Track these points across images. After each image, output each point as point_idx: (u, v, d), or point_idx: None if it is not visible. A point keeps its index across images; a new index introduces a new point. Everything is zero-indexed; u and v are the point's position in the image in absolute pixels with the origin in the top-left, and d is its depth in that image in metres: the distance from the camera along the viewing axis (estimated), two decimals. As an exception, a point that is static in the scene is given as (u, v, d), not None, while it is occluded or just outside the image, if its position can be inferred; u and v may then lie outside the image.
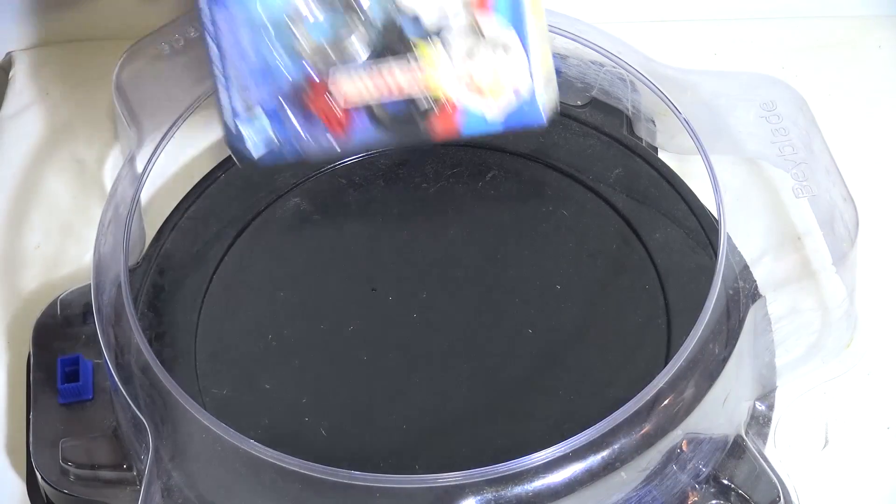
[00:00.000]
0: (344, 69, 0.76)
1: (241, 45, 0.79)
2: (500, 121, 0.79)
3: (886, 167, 1.03)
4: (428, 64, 0.76)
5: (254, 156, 0.82)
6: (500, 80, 0.77)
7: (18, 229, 1.02)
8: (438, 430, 0.84)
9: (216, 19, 0.79)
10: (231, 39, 0.79)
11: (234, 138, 0.82)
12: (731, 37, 1.12)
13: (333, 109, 0.78)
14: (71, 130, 1.08)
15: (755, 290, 0.87)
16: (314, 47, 0.77)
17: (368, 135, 0.79)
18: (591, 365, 0.86)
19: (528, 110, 0.79)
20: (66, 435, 0.85)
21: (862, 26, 1.13)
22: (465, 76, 0.76)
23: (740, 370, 0.84)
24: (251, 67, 0.79)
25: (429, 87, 0.76)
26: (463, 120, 0.78)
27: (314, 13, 0.77)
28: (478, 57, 0.76)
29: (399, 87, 0.77)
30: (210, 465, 0.80)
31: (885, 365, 0.92)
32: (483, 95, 0.77)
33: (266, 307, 0.90)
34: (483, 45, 0.75)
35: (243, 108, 0.81)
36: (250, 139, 0.81)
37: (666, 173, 0.95)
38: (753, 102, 0.92)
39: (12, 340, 0.95)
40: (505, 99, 0.77)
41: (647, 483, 0.79)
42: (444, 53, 0.75)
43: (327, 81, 0.77)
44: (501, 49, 0.76)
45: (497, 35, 0.75)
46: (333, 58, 0.77)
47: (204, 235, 0.94)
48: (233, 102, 0.81)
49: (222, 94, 0.81)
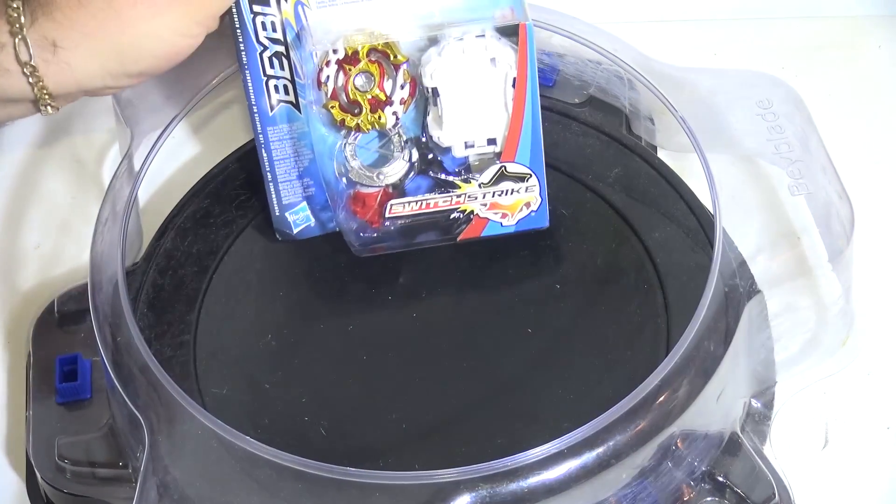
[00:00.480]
0: (391, 189, 0.88)
1: (289, 151, 0.90)
2: (512, 226, 0.90)
3: (884, 166, 1.03)
4: (462, 192, 0.88)
5: (293, 234, 0.93)
6: (519, 202, 0.90)
7: (17, 229, 1.02)
8: (438, 428, 0.84)
9: (266, 132, 0.89)
10: (280, 147, 0.90)
11: (278, 221, 0.93)
12: (731, 37, 1.12)
13: (374, 216, 0.89)
14: (70, 130, 1.08)
15: (752, 287, 0.87)
16: (360, 167, 0.88)
17: (401, 233, 0.90)
18: (589, 363, 0.86)
19: (536, 217, 0.91)
20: (65, 433, 0.85)
21: (862, 26, 1.13)
22: (491, 199, 0.89)
23: (736, 367, 0.84)
24: (298, 167, 0.91)
25: (460, 206, 0.89)
26: (484, 228, 0.90)
27: (357, 135, 0.87)
28: (502, 187, 0.88)
29: (436, 205, 0.89)
30: (206, 463, 0.80)
31: (885, 365, 0.92)
32: (503, 211, 0.90)
33: (266, 307, 0.91)
34: (507, 180, 0.88)
35: (287, 199, 0.92)
36: (292, 223, 0.93)
37: (665, 172, 0.95)
38: (750, 100, 0.92)
39: (11, 339, 0.96)
40: (520, 213, 0.90)
41: (642, 479, 0.79)
42: (475, 185, 0.88)
43: (371, 194, 0.88)
44: (522, 182, 0.88)
45: (519, 171, 0.88)
46: (378, 178, 0.88)
47: (203, 235, 0.94)
48: (278, 196, 0.92)
49: (269, 188, 0.92)
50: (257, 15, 0.86)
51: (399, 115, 0.86)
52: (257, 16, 0.86)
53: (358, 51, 0.84)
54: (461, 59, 0.85)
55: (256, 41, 0.86)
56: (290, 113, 0.88)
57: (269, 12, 0.86)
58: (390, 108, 0.86)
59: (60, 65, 0.81)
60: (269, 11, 0.86)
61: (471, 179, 0.87)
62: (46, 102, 0.83)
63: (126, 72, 0.83)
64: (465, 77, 0.85)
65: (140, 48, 0.82)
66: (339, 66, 0.85)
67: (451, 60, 0.85)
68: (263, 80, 0.87)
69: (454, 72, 0.85)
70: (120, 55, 0.82)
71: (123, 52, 0.82)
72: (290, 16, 0.86)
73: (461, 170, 0.88)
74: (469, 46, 0.84)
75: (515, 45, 0.84)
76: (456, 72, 0.85)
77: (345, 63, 0.85)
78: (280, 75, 0.87)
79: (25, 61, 0.81)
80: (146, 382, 0.82)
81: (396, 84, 0.85)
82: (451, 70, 0.85)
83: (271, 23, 0.86)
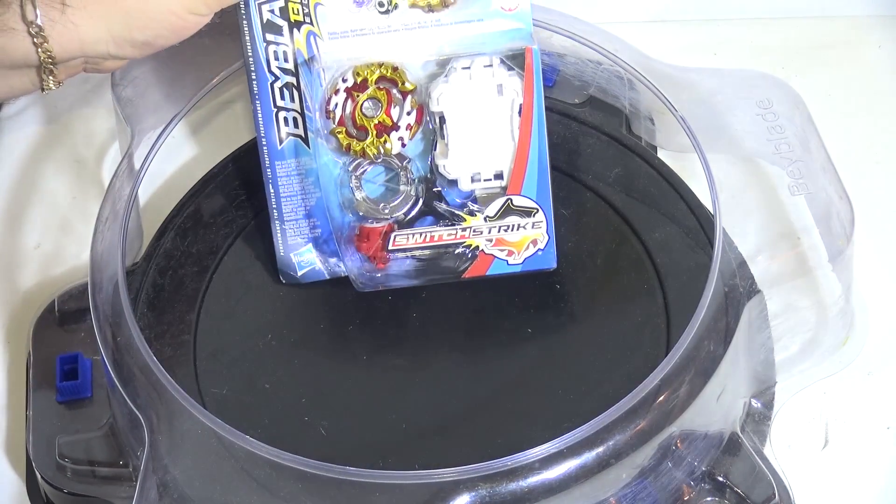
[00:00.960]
0: (395, 226, 0.88)
1: (296, 188, 0.89)
2: (519, 265, 0.89)
3: (884, 165, 1.03)
4: (468, 225, 0.88)
5: (297, 276, 0.91)
6: (525, 239, 0.88)
7: (18, 228, 1.02)
8: (437, 427, 0.84)
9: (274, 166, 0.89)
10: (287, 183, 0.89)
11: (282, 262, 0.91)
12: (731, 37, 1.12)
13: (378, 251, 0.88)
14: (70, 130, 1.08)
15: (751, 287, 0.87)
16: (365, 199, 0.87)
17: (406, 269, 0.89)
18: (589, 363, 0.86)
19: (543, 257, 0.89)
20: (65, 432, 0.86)
21: (862, 26, 1.13)
22: (496, 234, 0.88)
23: (736, 367, 0.84)
24: (305, 206, 0.90)
25: (466, 241, 0.88)
26: (490, 266, 0.89)
27: (365, 168, 0.87)
28: (508, 221, 0.87)
29: (441, 238, 0.88)
30: (206, 462, 0.80)
31: (885, 365, 0.92)
32: (510, 248, 0.88)
33: (266, 307, 0.91)
34: (513, 214, 0.87)
35: (293, 240, 0.90)
36: (297, 264, 0.91)
37: (665, 172, 0.95)
38: (750, 100, 0.92)
39: (11, 338, 0.96)
40: (527, 251, 0.88)
41: (641, 479, 0.79)
42: (481, 219, 0.87)
43: (375, 229, 0.87)
44: (528, 216, 0.87)
45: (525, 205, 0.87)
46: (383, 211, 0.87)
47: (204, 235, 0.94)
48: (284, 235, 0.91)
49: (275, 227, 0.90)
50: (270, 44, 0.86)
51: (405, 140, 0.86)
52: (270, 45, 0.86)
53: (367, 78, 0.85)
54: (468, 85, 0.85)
55: (268, 70, 0.86)
56: (298, 147, 0.88)
57: (281, 41, 0.86)
58: (396, 134, 0.86)
59: (67, 25, 0.81)
60: (282, 41, 0.86)
61: (476, 212, 0.87)
62: (49, 69, 0.83)
63: (131, 39, 0.83)
64: (472, 103, 0.85)
65: (148, 15, 0.82)
66: (348, 93, 0.85)
67: (457, 86, 0.85)
68: (273, 111, 0.87)
69: (461, 98, 0.85)
70: (127, 19, 0.82)
71: (131, 16, 0.82)
72: (302, 46, 0.86)
73: (467, 202, 0.87)
74: (476, 73, 0.85)
75: (522, 72, 0.85)
76: (463, 98, 0.85)
77: (353, 90, 0.85)
78: (290, 107, 0.87)
79: (31, 20, 0.81)
80: (146, 382, 0.82)
81: (403, 110, 0.85)
82: (458, 96, 0.85)
83: (283, 52, 0.86)
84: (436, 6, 0.85)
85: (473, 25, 0.85)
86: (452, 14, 0.85)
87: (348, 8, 0.85)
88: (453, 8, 0.85)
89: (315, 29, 0.85)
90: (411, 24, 0.85)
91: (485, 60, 0.85)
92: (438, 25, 0.85)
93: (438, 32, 0.85)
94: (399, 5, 0.85)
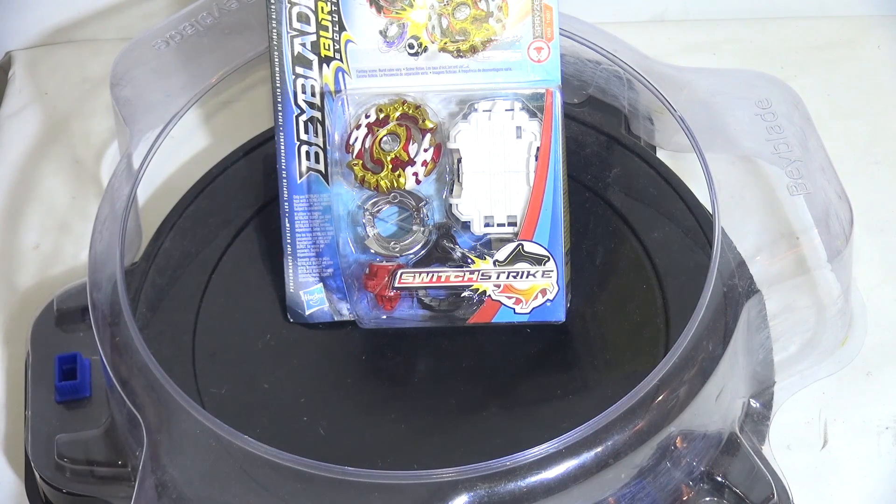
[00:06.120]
0: (404, 265, 0.87)
1: (311, 225, 0.89)
2: (526, 315, 0.87)
3: (883, 166, 1.03)
4: (476, 268, 0.86)
5: (305, 315, 0.90)
6: (534, 288, 0.86)
7: (17, 228, 1.03)
8: (436, 427, 0.84)
9: (292, 200, 0.89)
10: (302, 218, 0.89)
11: (291, 299, 0.90)
12: (731, 37, 1.12)
13: (386, 291, 0.87)
14: (69, 129, 1.08)
15: (750, 287, 0.87)
16: (376, 237, 0.87)
17: (412, 314, 0.88)
18: (588, 363, 0.86)
19: (552, 308, 0.87)
20: (64, 432, 0.86)
21: (862, 26, 1.13)
22: (505, 280, 0.86)
23: (734, 367, 0.84)
24: (319, 244, 0.89)
25: (474, 284, 0.87)
26: (496, 313, 0.87)
27: (381, 206, 0.87)
28: (518, 268, 0.86)
29: (448, 280, 0.87)
30: (205, 462, 0.80)
31: (885, 365, 0.92)
32: (517, 296, 0.86)
33: (265, 307, 0.91)
34: (523, 261, 0.86)
35: (304, 277, 0.90)
36: (306, 303, 0.90)
37: (664, 172, 0.95)
38: (749, 100, 0.91)
39: (10, 338, 0.96)
40: (535, 301, 0.86)
41: (640, 479, 0.79)
42: (490, 262, 0.86)
43: (383, 267, 0.87)
44: (539, 264, 0.86)
45: (536, 252, 0.86)
46: (393, 249, 0.87)
47: (203, 235, 0.94)
48: (296, 272, 0.90)
49: (287, 263, 0.90)
50: (299, 77, 0.86)
51: (420, 176, 0.86)
52: (298, 77, 0.86)
53: (389, 115, 0.85)
54: (486, 125, 0.85)
55: (294, 103, 0.87)
56: (317, 183, 0.88)
57: (310, 76, 0.86)
58: (411, 169, 0.86)
59: None
60: (311, 75, 0.86)
61: (486, 255, 0.86)
62: None
63: None
64: (489, 144, 0.85)
65: None
66: (369, 128, 0.85)
67: (476, 126, 0.85)
68: (296, 144, 0.87)
69: (478, 137, 0.85)
70: None
71: None
72: (330, 81, 0.86)
73: (477, 245, 0.87)
74: (496, 115, 0.85)
75: (542, 115, 0.84)
76: (480, 137, 0.85)
77: (375, 125, 0.85)
78: (313, 141, 0.87)
79: None
80: (145, 382, 0.82)
81: (421, 147, 0.85)
82: (476, 135, 0.85)
83: (311, 86, 0.86)
84: (465, 52, 0.85)
85: (501, 74, 0.85)
86: (480, 61, 0.85)
87: (379, 48, 0.86)
88: (482, 53, 0.85)
89: (344, 66, 0.86)
90: (439, 67, 0.86)
91: (506, 105, 0.85)
92: (466, 72, 0.86)
93: (465, 78, 0.86)
94: (429, 48, 0.85)
